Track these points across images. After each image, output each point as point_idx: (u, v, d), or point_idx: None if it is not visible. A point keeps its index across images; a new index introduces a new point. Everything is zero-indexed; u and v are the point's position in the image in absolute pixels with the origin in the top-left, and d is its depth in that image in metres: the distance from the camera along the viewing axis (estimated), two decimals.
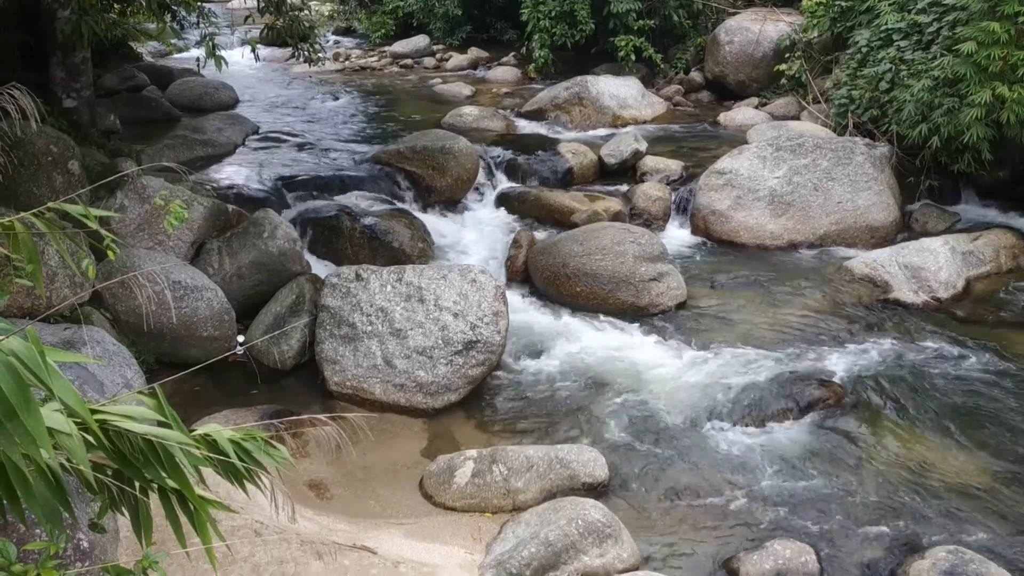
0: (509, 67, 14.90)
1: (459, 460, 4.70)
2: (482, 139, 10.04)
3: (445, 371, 5.49)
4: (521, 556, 3.90)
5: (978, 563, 3.88)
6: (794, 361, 5.90)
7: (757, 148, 8.52)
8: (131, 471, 1.56)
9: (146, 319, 5.23)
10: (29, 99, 2.11)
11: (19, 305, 5.01)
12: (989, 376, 5.73)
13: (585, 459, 4.68)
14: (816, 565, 4.04)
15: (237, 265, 6.27)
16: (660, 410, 5.41)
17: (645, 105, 11.91)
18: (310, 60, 8.00)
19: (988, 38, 7.13)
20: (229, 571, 3.45)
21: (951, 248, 7.19)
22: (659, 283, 6.74)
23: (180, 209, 2.49)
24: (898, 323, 6.52)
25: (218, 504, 1.70)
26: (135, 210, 6.15)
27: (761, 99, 11.87)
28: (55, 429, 1.39)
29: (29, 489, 1.41)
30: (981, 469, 4.82)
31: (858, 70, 9.47)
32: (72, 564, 2.78)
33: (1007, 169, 8.34)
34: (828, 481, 4.73)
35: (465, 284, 5.75)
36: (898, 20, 9.07)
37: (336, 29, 20.93)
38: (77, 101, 7.84)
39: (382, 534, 4.18)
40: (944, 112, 7.65)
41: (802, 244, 7.96)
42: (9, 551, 1.81)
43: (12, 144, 5.37)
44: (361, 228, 7.31)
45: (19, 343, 1.33)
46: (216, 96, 11.93)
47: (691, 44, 13.76)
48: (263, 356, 5.87)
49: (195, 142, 9.39)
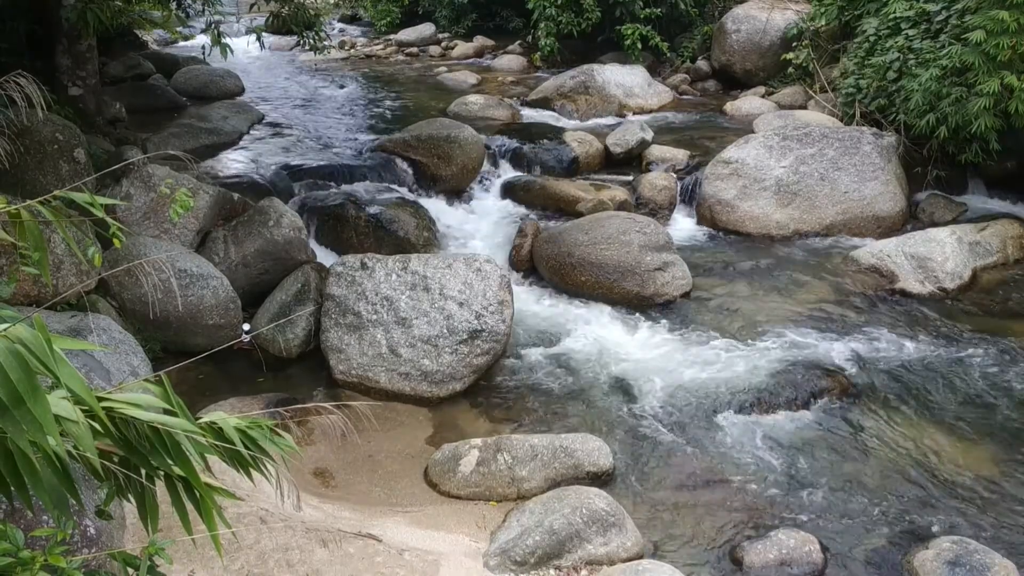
0: (515, 56, 14.84)
1: (464, 449, 4.71)
2: (487, 128, 10.01)
3: (450, 360, 5.49)
4: (525, 544, 3.92)
5: (982, 553, 3.89)
6: (799, 351, 5.90)
7: (763, 137, 8.49)
8: (137, 458, 1.57)
9: (152, 307, 5.24)
10: (35, 87, 2.11)
11: (25, 293, 5.02)
12: (995, 367, 5.72)
13: (589, 448, 4.68)
14: (820, 555, 4.04)
15: (243, 253, 6.28)
16: (665, 400, 5.42)
17: (651, 94, 11.87)
18: (315, 48, 7.97)
19: (997, 27, 7.07)
20: (235, 558, 3.47)
21: (958, 238, 7.16)
22: (664, 273, 6.73)
23: (185, 197, 2.49)
24: (904, 314, 6.50)
25: (224, 492, 1.71)
26: (141, 198, 6.16)
27: (768, 88, 11.81)
28: (62, 417, 1.39)
29: (36, 476, 1.41)
30: (986, 460, 4.82)
31: (866, 59, 9.42)
32: (79, 550, 2.80)
33: (1015, 159, 8.30)
34: (833, 471, 4.73)
35: (470, 273, 5.75)
36: (906, 9, 9.02)
37: (341, 17, 20.90)
38: (83, 89, 7.85)
39: (387, 522, 4.19)
40: (952, 101, 7.61)
41: (808, 234, 7.94)
42: (17, 537, 1.82)
43: (18, 132, 5.37)
44: (366, 217, 7.30)
45: (26, 331, 1.34)
46: (221, 84, 11.93)
47: (698, 33, 13.69)
48: (268, 344, 5.89)
49: (200, 130, 9.40)
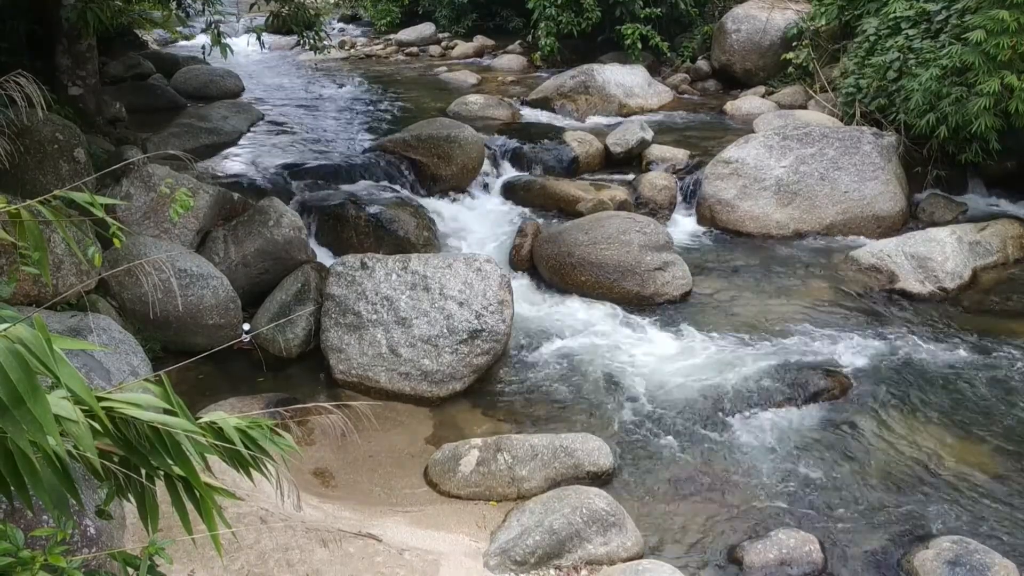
0: (515, 55, 14.84)
1: (464, 448, 4.71)
2: (487, 128, 10.01)
3: (450, 360, 5.49)
4: (526, 544, 3.92)
5: (982, 553, 3.89)
6: (799, 351, 5.90)
7: (764, 137, 8.49)
8: (137, 458, 1.57)
9: (152, 307, 5.24)
10: (35, 87, 2.11)
11: (25, 293, 5.02)
12: (995, 367, 5.72)
13: (590, 448, 4.68)
14: (820, 555, 4.04)
15: (243, 253, 6.28)
16: (665, 399, 5.42)
17: (651, 94, 11.87)
18: (315, 48, 7.97)
19: (997, 26, 7.07)
20: (235, 558, 3.47)
21: (958, 238, 7.16)
22: (664, 272, 6.73)
23: (185, 197, 2.49)
24: (904, 313, 6.50)
25: (224, 492, 1.71)
26: (141, 198, 6.15)
27: (768, 88, 11.81)
28: (62, 416, 1.39)
29: (36, 476, 1.41)
30: (986, 460, 4.82)
31: (866, 59, 9.42)
32: (79, 550, 2.80)
33: (1015, 159, 8.30)
34: (833, 471, 4.73)
35: (470, 273, 5.75)
36: (907, 8, 9.01)
37: (341, 17, 20.90)
38: (83, 89, 7.84)
39: (387, 522, 4.19)
40: (952, 101, 7.61)
41: (808, 234, 7.93)
42: (17, 537, 1.82)
43: (18, 132, 5.37)
44: (366, 217, 7.30)
45: (26, 331, 1.34)
46: (221, 84, 11.93)
47: (698, 32, 13.70)
48: (268, 344, 5.88)
49: (200, 130, 9.40)
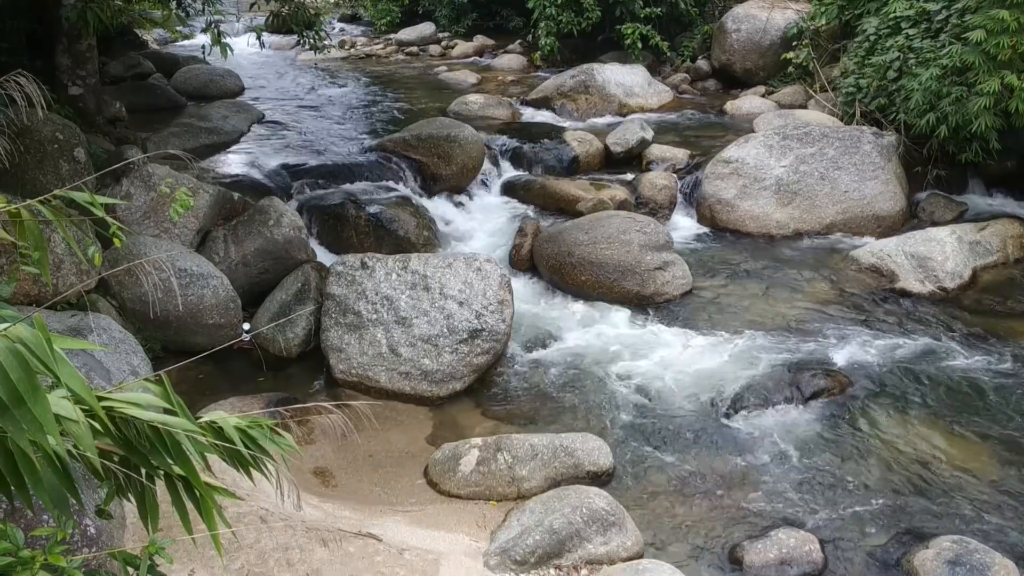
0: (515, 55, 14.84)
1: (464, 448, 4.71)
2: (487, 127, 10.01)
3: (450, 359, 5.49)
4: (526, 544, 3.92)
5: (982, 553, 3.89)
6: (799, 351, 5.90)
7: (764, 137, 8.48)
8: (137, 458, 1.57)
9: (152, 307, 5.24)
10: (35, 86, 2.11)
11: (25, 292, 5.02)
12: (995, 366, 5.72)
13: (590, 447, 4.68)
14: (820, 554, 4.04)
15: (243, 253, 6.28)
16: (665, 399, 5.42)
17: (651, 93, 11.86)
18: (315, 48, 7.97)
19: (997, 26, 7.07)
20: (235, 557, 3.47)
21: (958, 238, 7.16)
22: (664, 272, 6.73)
23: (185, 196, 2.49)
24: (904, 313, 6.50)
25: (224, 491, 1.71)
26: (141, 198, 6.16)
27: (768, 88, 11.80)
28: (62, 416, 1.39)
29: (36, 476, 1.41)
30: (986, 459, 4.82)
31: (866, 58, 9.42)
32: (79, 550, 2.80)
33: (1015, 159, 8.30)
34: (833, 471, 4.73)
35: (470, 273, 5.75)
36: (907, 8, 9.01)
37: (341, 16, 20.89)
38: (83, 89, 7.84)
39: (387, 521, 4.19)
40: (952, 101, 7.60)
41: (808, 233, 7.93)
42: (17, 537, 1.82)
43: (18, 131, 5.37)
44: (366, 216, 7.30)
45: (26, 330, 1.34)
46: (221, 84, 11.93)
47: (698, 32, 13.69)
48: (269, 344, 5.89)
49: (200, 130, 9.40)
